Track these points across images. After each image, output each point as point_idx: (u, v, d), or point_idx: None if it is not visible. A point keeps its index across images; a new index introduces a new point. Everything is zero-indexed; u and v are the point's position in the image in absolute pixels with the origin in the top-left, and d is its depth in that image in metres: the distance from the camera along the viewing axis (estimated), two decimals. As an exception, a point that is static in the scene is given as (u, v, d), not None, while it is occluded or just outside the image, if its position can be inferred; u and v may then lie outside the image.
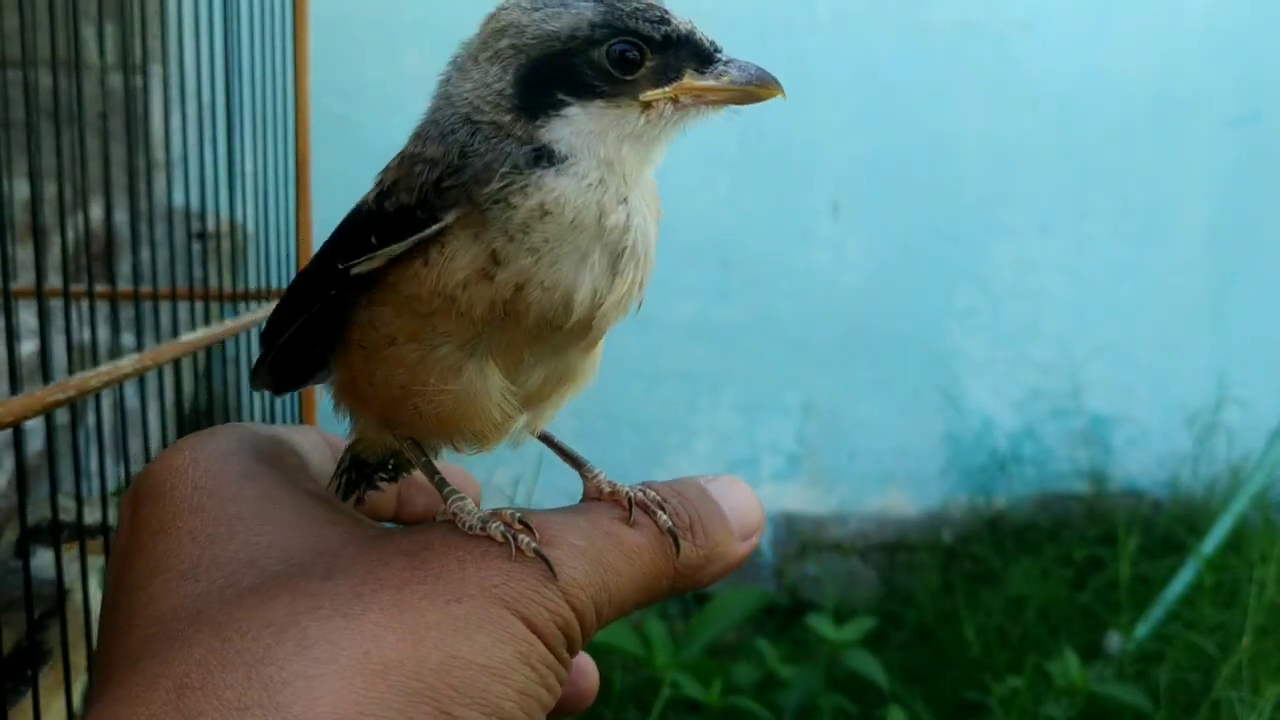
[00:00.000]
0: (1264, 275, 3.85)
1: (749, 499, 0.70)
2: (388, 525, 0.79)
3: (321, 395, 0.83)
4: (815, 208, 3.71)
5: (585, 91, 0.64)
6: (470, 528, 0.61)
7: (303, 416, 1.59)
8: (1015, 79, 3.68)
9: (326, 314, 0.70)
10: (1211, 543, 3.02)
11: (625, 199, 0.65)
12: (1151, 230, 3.81)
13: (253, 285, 1.50)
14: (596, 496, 0.69)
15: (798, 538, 3.75)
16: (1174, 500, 3.66)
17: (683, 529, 0.65)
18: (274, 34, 1.49)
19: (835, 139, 3.66)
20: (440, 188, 0.63)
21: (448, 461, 0.77)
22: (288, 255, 1.55)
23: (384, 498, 0.80)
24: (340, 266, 0.65)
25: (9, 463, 2.07)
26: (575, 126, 0.64)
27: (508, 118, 0.64)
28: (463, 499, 0.63)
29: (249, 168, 1.46)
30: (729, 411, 3.77)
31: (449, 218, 0.62)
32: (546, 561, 0.58)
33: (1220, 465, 3.64)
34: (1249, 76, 3.74)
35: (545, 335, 0.65)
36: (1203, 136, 3.77)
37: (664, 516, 0.65)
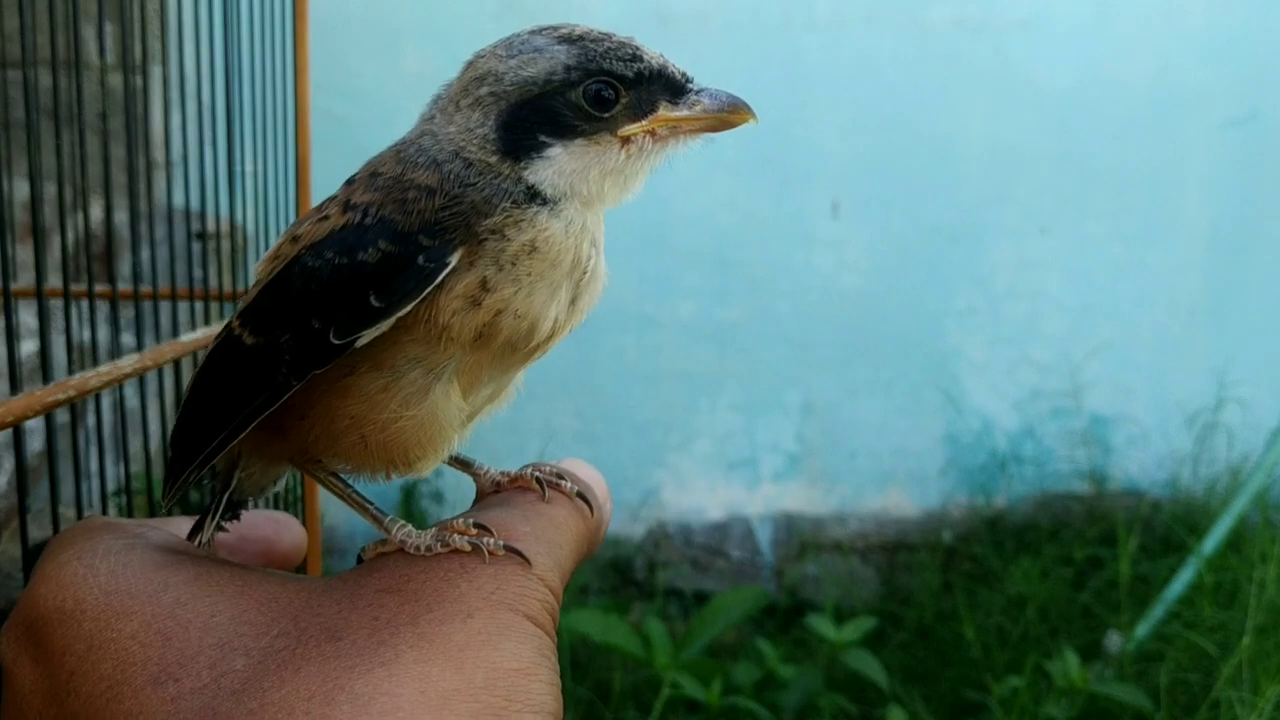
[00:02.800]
0: (1264, 275, 3.85)
1: (594, 471, 0.76)
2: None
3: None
4: (815, 208, 3.71)
5: (566, 131, 0.66)
6: (429, 549, 0.61)
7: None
8: (1015, 79, 3.68)
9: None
10: (1211, 543, 3.02)
11: (595, 240, 0.68)
12: (1151, 230, 3.81)
13: (253, 285, 1.50)
14: (495, 490, 0.72)
15: (798, 538, 3.74)
16: (1174, 500, 3.66)
17: (582, 489, 0.71)
18: (274, 34, 1.49)
19: (835, 139, 3.66)
20: (439, 216, 0.62)
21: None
22: (288, 255, 1.55)
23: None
24: (338, 341, 0.61)
25: (9, 463, 2.07)
26: (558, 166, 0.66)
27: (494, 159, 0.65)
28: (404, 525, 0.64)
29: (249, 168, 1.46)
30: (729, 411, 3.77)
31: (454, 259, 0.61)
32: (519, 554, 0.61)
33: (1220, 465, 3.64)
34: (1248, 76, 3.74)
35: (505, 357, 0.66)
36: (1202, 136, 3.77)
37: (567, 484, 0.70)
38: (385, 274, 0.61)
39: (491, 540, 0.61)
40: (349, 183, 0.68)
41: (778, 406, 3.78)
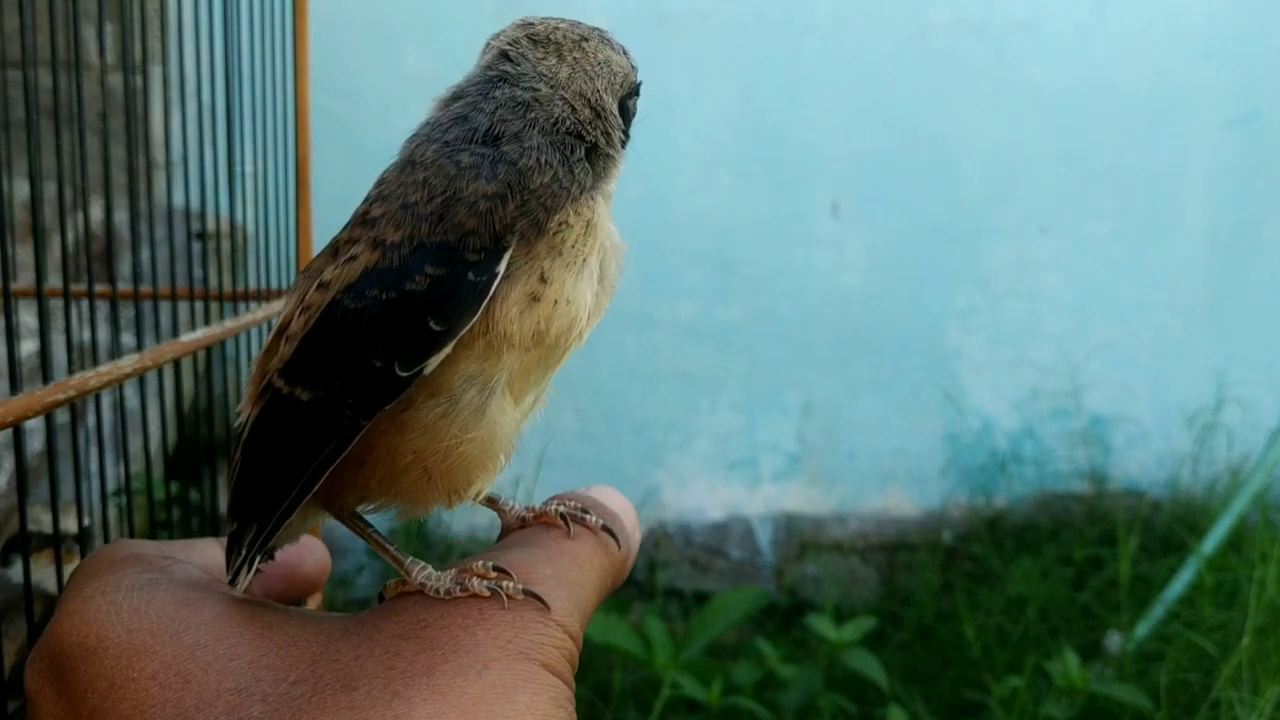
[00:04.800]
0: (1264, 275, 3.86)
1: (624, 499, 0.76)
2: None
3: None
4: (815, 208, 3.71)
5: (625, 133, 0.71)
6: (448, 592, 0.61)
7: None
8: (1015, 79, 3.68)
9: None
10: (1211, 543, 3.02)
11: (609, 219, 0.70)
12: (1151, 230, 3.81)
13: (253, 285, 1.50)
14: (520, 525, 0.71)
15: (798, 538, 3.75)
16: (1174, 500, 3.66)
17: (609, 523, 0.70)
18: (274, 34, 1.50)
19: (835, 139, 3.66)
20: (512, 219, 0.61)
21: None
22: (288, 256, 1.55)
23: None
24: (405, 374, 0.59)
25: (9, 463, 2.07)
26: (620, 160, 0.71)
27: (616, 150, 0.69)
28: (425, 567, 0.63)
29: (249, 168, 1.46)
30: (729, 411, 3.77)
31: (502, 266, 0.60)
32: (539, 598, 0.60)
33: (1220, 465, 3.64)
34: (1248, 76, 3.74)
35: (550, 355, 0.65)
36: (1202, 136, 3.77)
37: (593, 518, 0.68)
38: (438, 297, 0.59)
39: (511, 585, 0.60)
40: (368, 223, 0.64)
41: (778, 406, 3.78)
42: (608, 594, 0.68)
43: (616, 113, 0.69)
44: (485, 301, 0.59)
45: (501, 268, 0.60)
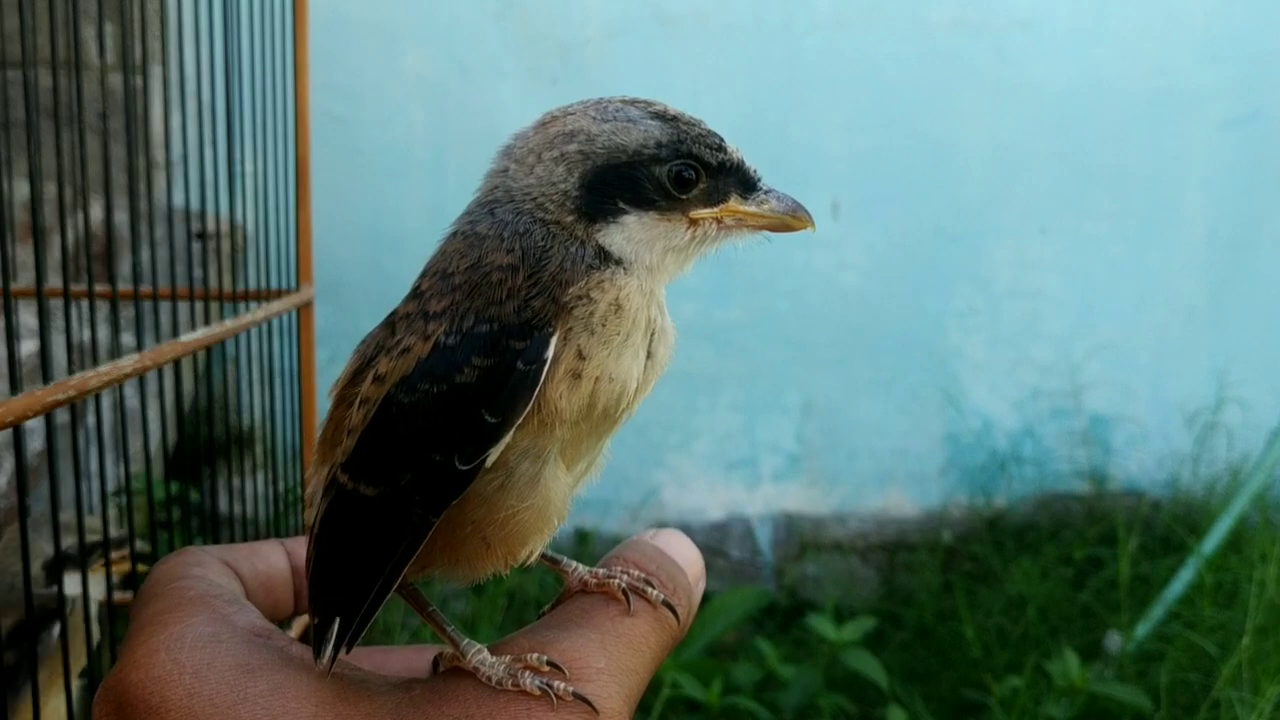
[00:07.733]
0: (1264, 275, 3.85)
1: (690, 547, 0.75)
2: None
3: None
4: (815, 208, 3.69)
5: (642, 202, 0.69)
6: (499, 682, 0.61)
7: (304, 424, 1.59)
8: (1015, 79, 3.68)
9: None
10: (1211, 543, 3.02)
11: (660, 304, 0.71)
12: (1151, 230, 3.81)
13: (253, 285, 1.50)
14: (581, 588, 0.70)
15: (798, 538, 3.75)
16: (1174, 500, 3.66)
17: (669, 595, 0.68)
18: (274, 34, 1.50)
19: (835, 139, 3.66)
20: (530, 294, 0.62)
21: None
22: (288, 255, 1.55)
23: (283, 598, 0.76)
24: (465, 468, 0.61)
25: (9, 463, 2.07)
26: (629, 233, 0.68)
27: (570, 218, 0.67)
28: (480, 650, 0.63)
29: (249, 168, 1.46)
30: (729, 411, 3.77)
31: (550, 351, 0.61)
32: (587, 702, 0.60)
33: (1220, 465, 3.64)
34: (1248, 76, 3.74)
35: (600, 426, 0.66)
36: (1202, 136, 3.77)
37: (654, 591, 0.68)
38: (489, 390, 0.60)
39: (562, 685, 0.60)
40: (416, 296, 0.67)
41: (778, 406, 3.78)
42: (661, 663, 0.68)
43: (571, 184, 0.67)
44: (536, 390, 0.61)
45: (549, 354, 0.61)
